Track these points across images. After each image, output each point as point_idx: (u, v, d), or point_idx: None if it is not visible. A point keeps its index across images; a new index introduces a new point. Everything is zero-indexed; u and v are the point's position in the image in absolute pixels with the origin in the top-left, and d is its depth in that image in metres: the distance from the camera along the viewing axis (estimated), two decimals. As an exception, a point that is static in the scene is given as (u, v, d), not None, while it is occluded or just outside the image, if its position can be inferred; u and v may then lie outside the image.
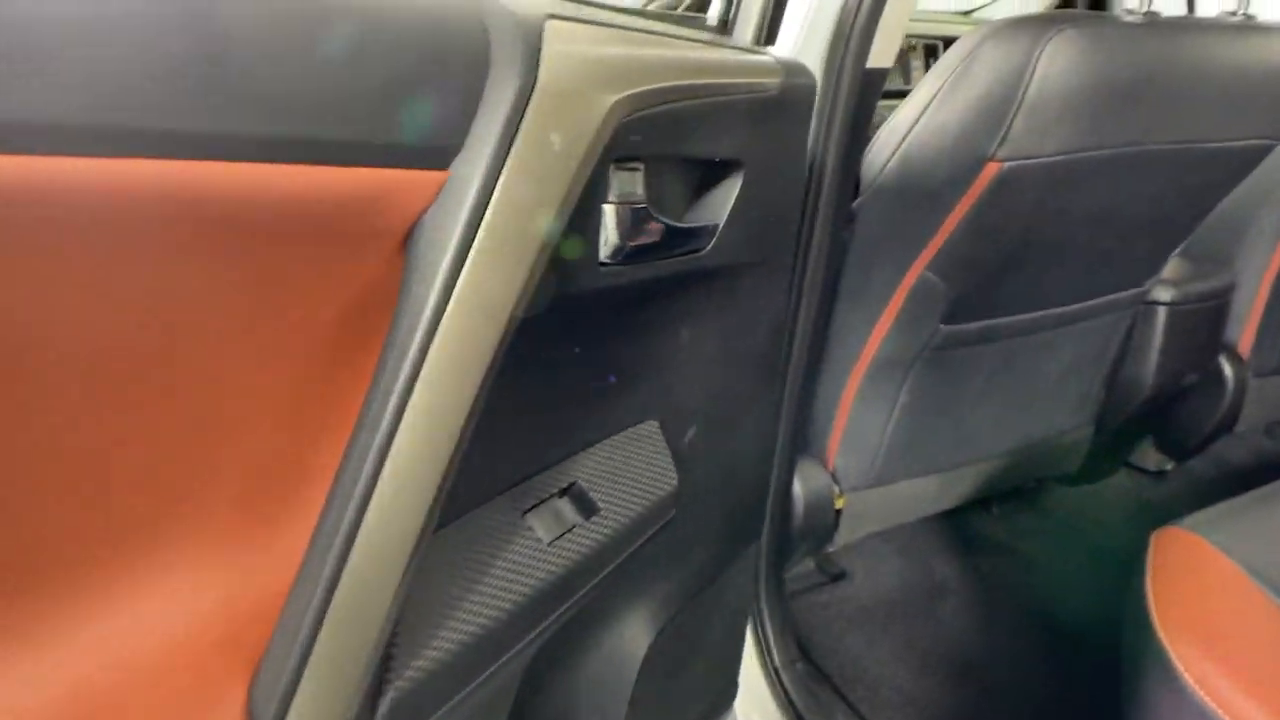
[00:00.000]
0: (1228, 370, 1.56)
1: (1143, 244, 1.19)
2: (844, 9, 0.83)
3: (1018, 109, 0.89)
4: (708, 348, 0.78)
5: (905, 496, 1.29)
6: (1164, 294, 1.40)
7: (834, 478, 1.22)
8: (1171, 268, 1.43)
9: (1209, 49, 0.97)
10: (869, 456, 1.22)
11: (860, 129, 0.91)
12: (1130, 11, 0.94)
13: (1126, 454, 1.69)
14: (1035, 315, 1.18)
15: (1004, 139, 0.91)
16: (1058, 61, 0.88)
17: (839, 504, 1.24)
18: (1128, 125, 0.94)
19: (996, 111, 0.90)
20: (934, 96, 0.95)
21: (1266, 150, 1.12)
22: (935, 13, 2.41)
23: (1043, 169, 0.94)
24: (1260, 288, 1.51)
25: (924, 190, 0.99)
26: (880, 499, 1.27)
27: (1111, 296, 1.25)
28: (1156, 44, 0.93)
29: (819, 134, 0.85)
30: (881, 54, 0.88)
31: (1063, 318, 1.22)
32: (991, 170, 0.93)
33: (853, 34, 0.83)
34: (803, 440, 1.22)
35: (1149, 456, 1.74)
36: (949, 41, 2.28)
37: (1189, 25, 0.96)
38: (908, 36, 2.19)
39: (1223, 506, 1.07)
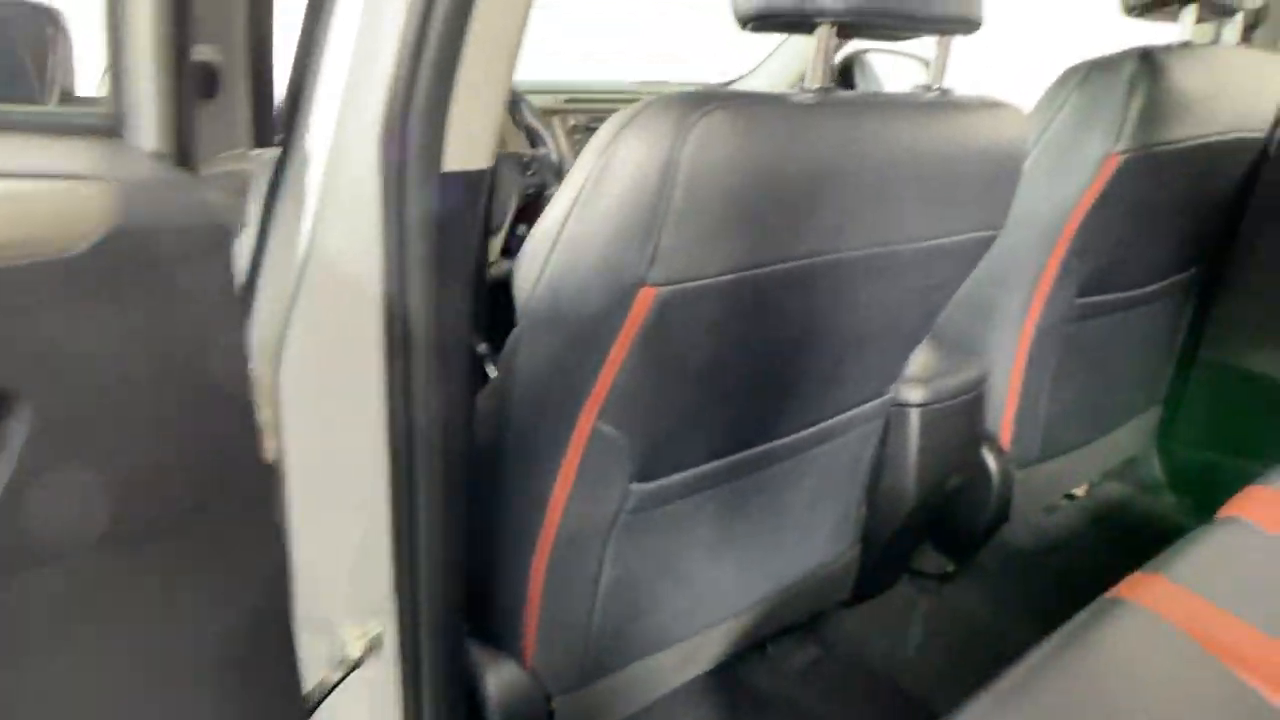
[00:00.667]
0: (992, 463, 1.43)
1: (872, 354, 1.01)
2: (390, 95, 0.58)
3: (664, 219, 0.67)
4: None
5: (636, 681, 1.03)
6: (914, 395, 1.25)
7: (535, 678, 0.94)
8: (920, 363, 1.28)
9: (904, 133, 0.79)
10: (578, 647, 0.95)
11: (459, 253, 0.66)
12: (803, 89, 0.75)
13: (904, 564, 1.52)
14: (760, 450, 0.97)
15: (654, 258, 0.68)
16: (708, 154, 0.66)
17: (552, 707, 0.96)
18: (813, 229, 0.74)
19: (641, 223, 0.68)
20: (573, 204, 0.72)
21: (988, 241, 0.97)
22: (656, 83, 2.27)
23: (712, 291, 0.72)
24: (1013, 375, 1.40)
25: (576, 321, 0.75)
26: (604, 693, 1.00)
27: (851, 412, 1.07)
28: (838, 128, 0.74)
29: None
30: (468, 153, 0.63)
31: (797, 445, 1.01)
32: (647, 298, 0.70)
33: (407, 129, 0.58)
34: (490, 633, 0.93)
35: (929, 560, 1.58)
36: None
37: (877, 105, 0.79)
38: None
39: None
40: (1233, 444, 1.76)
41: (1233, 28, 1.50)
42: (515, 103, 1.55)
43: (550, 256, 0.74)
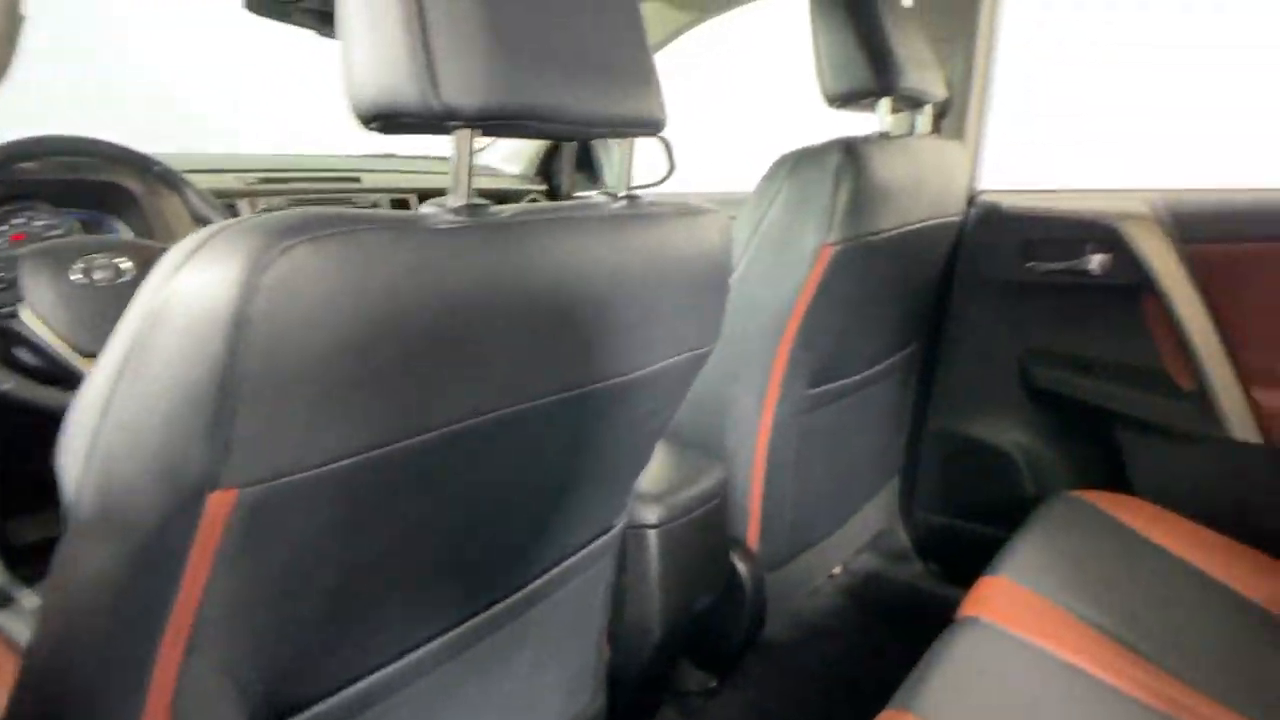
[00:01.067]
0: (742, 570, 1.34)
1: (585, 496, 0.86)
2: None
3: (237, 396, 0.48)
4: None
5: None
6: (650, 515, 1.12)
7: None
8: (654, 477, 1.17)
9: (585, 254, 0.66)
10: None
11: None
12: (439, 204, 0.60)
13: (664, 687, 1.39)
14: (453, 636, 0.78)
15: (229, 449, 0.49)
16: (293, 304, 0.48)
17: None
18: (468, 385, 0.58)
19: (206, 401, 0.48)
20: (119, 371, 0.51)
21: (702, 358, 0.87)
22: (382, 157, 2.07)
23: (326, 483, 0.53)
24: (754, 474, 1.32)
25: (132, 533, 0.53)
26: None
27: (573, 559, 0.91)
28: (491, 256, 0.59)
29: None
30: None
31: (503, 616, 0.84)
32: (224, 503, 0.50)
33: None
34: None
35: (690, 678, 1.46)
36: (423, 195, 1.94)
37: (544, 221, 0.65)
38: (374, 191, 1.82)
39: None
40: (967, 507, 1.81)
41: (924, 118, 1.57)
42: (175, 185, 1.29)
43: (97, 441, 0.52)
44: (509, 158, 2.29)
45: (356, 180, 1.81)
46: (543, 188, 2.26)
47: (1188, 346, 1.51)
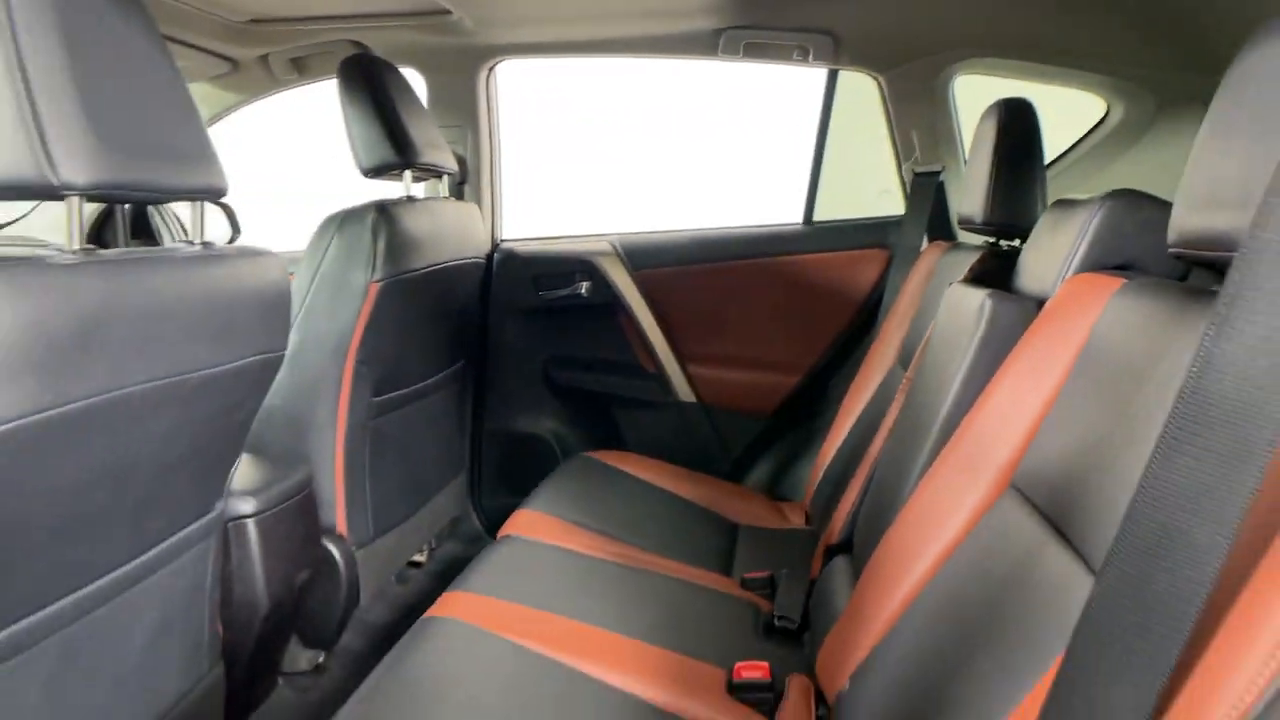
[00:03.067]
0: (335, 551, 1.62)
1: (184, 478, 1.10)
2: None
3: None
4: None
5: None
6: (246, 506, 1.36)
7: None
8: (247, 478, 1.41)
9: (168, 283, 0.94)
10: None
11: None
12: (61, 250, 0.84)
13: (275, 670, 1.60)
14: (77, 597, 0.98)
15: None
16: None
17: None
18: (93, 373, 0.83)
19: None
20: None
21: (276, 361, 1.17)
22: None
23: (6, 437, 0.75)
24: (336, 470, 1.62)
25: None
26: None
27: (177, 536, 1.14)
28: (100, 285, 0.85)
29: None
30: None
31: (121, 582, 1.04)
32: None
33: None
34: None
35: (300, 658, 1.69)
36: None
37: (138, 260, 0.91)
38: None
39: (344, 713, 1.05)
40: (521, 487, 2.29)
41: (443, 185, 2.03)
42: None
43: None
44: (50, 226, 2.28)
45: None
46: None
47: (646, 342, 2.17)
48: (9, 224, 2.35)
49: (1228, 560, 0.48)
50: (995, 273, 1.39)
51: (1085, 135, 1.95)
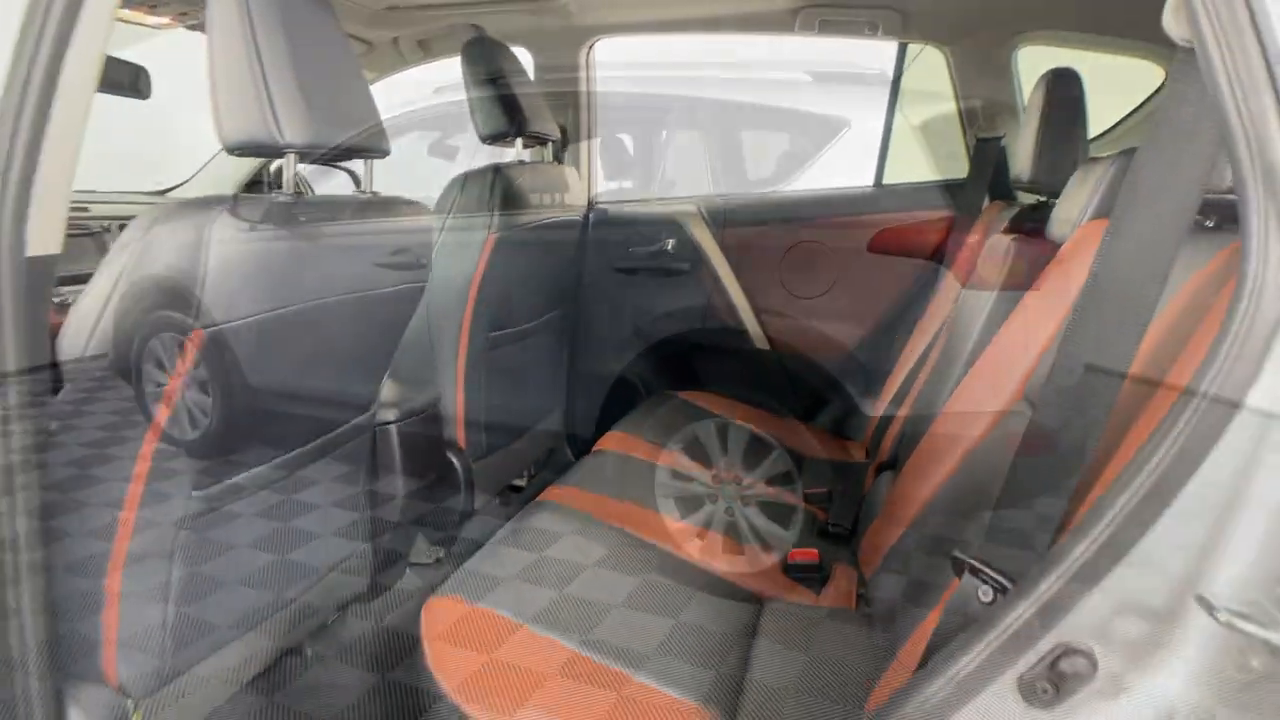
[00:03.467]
0: (455, 460, 1.92)
1: (355, 379, 1.40)
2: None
3: (202, 283, 0.98)
4: None
5: (205, 680, 1.24)
6: (390, 415, 1.67)
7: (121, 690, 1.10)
8: (389, 393, 1.71)
9: (355, 219, 1.22)
10: (155, 650, 1.14)
11: (38, 324, 0.88)
12: (283, 191, 1.13)
13: (405, 558, 1.92)
14: (281, 461, 1.28)
15: (198, 311, 0.99)
16: (225, 238, 1.00)
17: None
18: (304, 284, 1.12)
19: (181, 288, 0.98)
20: (119, 276, 0.98)
21: (419, 290, 1.45)
22: (127, 193, 2.38)
23: (245, 330, 1.05)
24: (458, 394, 1.92)
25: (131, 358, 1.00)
26: (180, 692, 1.19)
27: (343, 429, 1.44)
28: (310, 218, 1.13)
29: None
30: (44, 239, 0.87)
31: (303, 458, 1.35)
32: (196, 339, 1.00)
33: (1, 220, 0.81)
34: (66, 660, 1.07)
35: (422, 551, 2.00)
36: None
37: (331, 204, 1.20)
38: (101, 219, 2.12)
39: (467, 566, 1.32)
40: (607, 426, 2.56)
41: (548, 151, 2.30)
42: None
43: (98, 323, 0.99)
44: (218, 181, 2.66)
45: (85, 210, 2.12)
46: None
47: (725, 295, 2.40)
48: (172, 189, 2.75)
49: (1119, 396, 0.69)
50: (1034, 224, 1.56)
51: (1145, 101, 2.06)
